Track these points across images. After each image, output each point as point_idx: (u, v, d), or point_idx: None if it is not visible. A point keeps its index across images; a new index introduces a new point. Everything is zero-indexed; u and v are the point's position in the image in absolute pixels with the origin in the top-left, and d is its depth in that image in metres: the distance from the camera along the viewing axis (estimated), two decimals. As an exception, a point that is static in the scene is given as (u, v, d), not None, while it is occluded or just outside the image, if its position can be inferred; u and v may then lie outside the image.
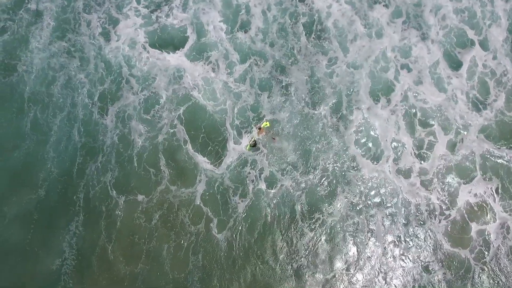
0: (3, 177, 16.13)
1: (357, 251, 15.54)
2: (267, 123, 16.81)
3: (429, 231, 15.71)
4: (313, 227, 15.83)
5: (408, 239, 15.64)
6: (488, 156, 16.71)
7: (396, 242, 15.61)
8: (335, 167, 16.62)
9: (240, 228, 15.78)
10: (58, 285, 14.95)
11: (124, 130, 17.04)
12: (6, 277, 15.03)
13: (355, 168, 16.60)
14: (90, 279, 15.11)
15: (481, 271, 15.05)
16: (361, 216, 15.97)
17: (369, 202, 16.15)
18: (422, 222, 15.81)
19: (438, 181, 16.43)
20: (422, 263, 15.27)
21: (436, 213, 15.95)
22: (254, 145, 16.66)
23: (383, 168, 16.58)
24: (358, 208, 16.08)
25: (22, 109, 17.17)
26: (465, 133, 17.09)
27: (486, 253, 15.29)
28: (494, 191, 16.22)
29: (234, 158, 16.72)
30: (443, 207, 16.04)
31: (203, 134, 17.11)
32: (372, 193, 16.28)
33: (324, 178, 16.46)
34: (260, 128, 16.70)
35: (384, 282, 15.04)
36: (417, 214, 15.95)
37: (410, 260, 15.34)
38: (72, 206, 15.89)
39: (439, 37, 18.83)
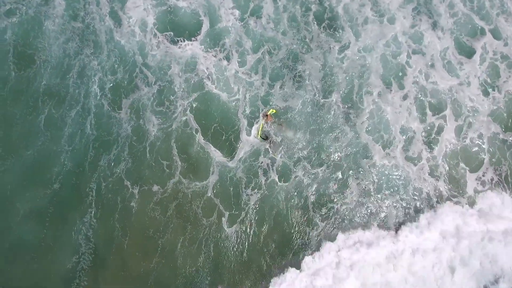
0: (17, 173, 15.82)
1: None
2: (273, 110, 16.75)
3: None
4: (325, 216, 16.03)
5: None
6: (497, 140, 17.13)
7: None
8: (347, 155, 16.72)
9: (251, 220, 15.88)
10: (73, 282, 14.97)
11: (138, 122, 16.76)
12: (22, 275, 14.97)
13: (367, 155, 16.74)
14: (106, 275, 15.18)
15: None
16: (373, 204, 16.23)
17: (381, 189, 16.39)
18: (433, 210, 16.15)
19: (448, 167, 16.72)
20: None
21: (446, 199, 16.35)
22: (266, 138, 16.63)
23: (395, 154, 16.75)
24: (370, 196, 16.32)
25: (37, 103, 16.68)
26: (475, 116, 17.35)
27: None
28: (503, 178, 16.64)
29: (247, 149, 16.65)
30: (452, 194, 16.43)
31: (217, 125, 16.94)
32: (384, 180, 16.49)
33: (336, 166, 16.57)
34: (267, 115, 16.61)
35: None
36: (428, 201, 16.28)
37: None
38: (87, 198, 15.74)
39: (449, 24, 18.75)
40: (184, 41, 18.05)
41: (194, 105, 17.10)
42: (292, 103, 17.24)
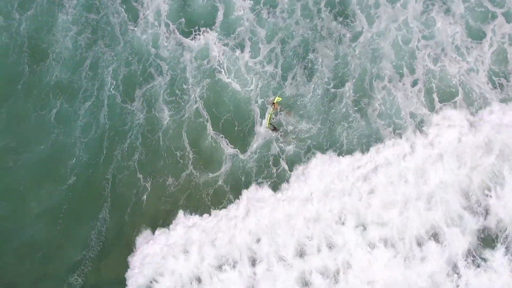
0: (31, 170, 16.29)
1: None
2: (279, 97, 16.86)
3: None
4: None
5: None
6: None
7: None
8: (359, 141, 16.80)
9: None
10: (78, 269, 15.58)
11: (151, 112, 17.06)
12: (31, 274, 15.59)
13: (378, 141, 16.75)
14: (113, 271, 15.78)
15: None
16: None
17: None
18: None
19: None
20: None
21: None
22: (274, 129, 16.81)
23: (407, 138, 16.70)
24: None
25: (50, 97, 17.01)
26: (485, 102, 17.17)
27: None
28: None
29: (259, 140, 16.87)
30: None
31: (229, 116, 17.19)
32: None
33: (347, 153, 16.65)
34: (273, 103, 16.73)
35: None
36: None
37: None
38: (103, 191, 16.23)
39: (461, 9, 18.45)
40: (198, 30, 18.20)
41: (206, 95, 17.31)
42: (304, 92, 17.32)
